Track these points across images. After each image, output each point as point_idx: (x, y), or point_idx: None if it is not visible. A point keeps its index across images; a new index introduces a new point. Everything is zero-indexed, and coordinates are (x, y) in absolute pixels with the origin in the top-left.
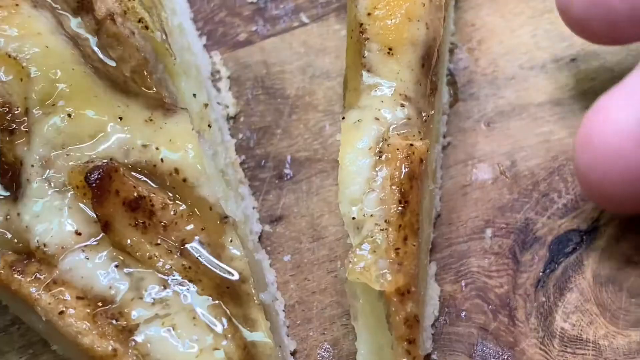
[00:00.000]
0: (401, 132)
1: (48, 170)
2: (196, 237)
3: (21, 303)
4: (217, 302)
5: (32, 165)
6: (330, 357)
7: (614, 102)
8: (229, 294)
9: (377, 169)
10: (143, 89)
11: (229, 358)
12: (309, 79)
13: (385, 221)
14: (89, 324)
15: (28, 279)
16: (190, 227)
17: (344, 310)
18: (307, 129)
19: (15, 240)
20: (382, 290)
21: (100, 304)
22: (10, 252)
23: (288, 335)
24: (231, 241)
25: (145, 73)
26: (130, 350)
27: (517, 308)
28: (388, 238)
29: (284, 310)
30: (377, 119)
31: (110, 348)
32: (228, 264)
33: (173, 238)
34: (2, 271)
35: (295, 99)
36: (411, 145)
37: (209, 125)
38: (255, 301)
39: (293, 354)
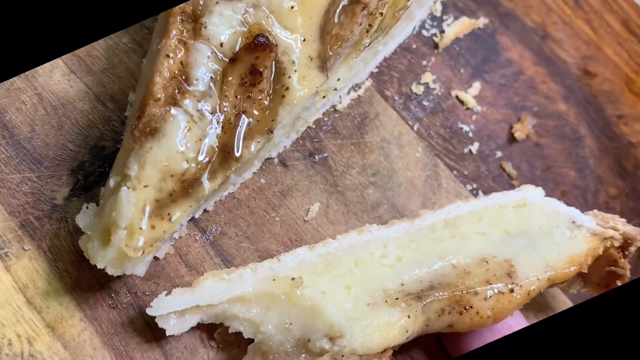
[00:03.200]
0: None
1: (252, 10)
2: (250, 118)
3: (163, 29)
4: (216, 150)
5: (251, 2)
6: (213, 236)
7: None
8: (223, 155)
9: None
10: (334, 45)
11: (190, 165)
12: (380, 146)
13: None
14: (168, 75)
15: (178, 26)
16: (255, 112)
17: (248, 227)
18: (348, 159)
19: (201, 10)
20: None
21: (183, 77)
22: (191, 11)
23: (214, 202)
24: (258, 142)
25: (341, 42)
26: (158, 109)
27: None
28: None
29: (228, 193)
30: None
31: (159, 95)
32: (243, 146)
33: (244, 105)
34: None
35: (363, 143)
36: None
37: (323, 97)
38: (228, 172)
39: (204, 211)
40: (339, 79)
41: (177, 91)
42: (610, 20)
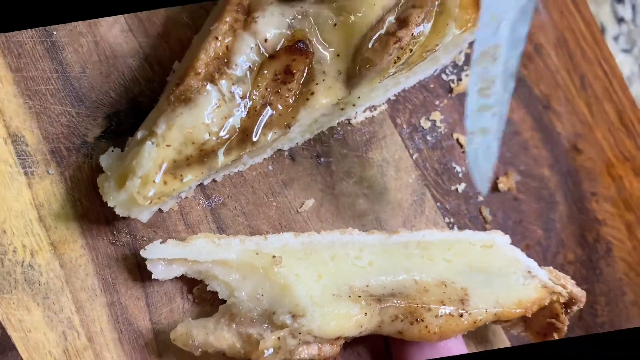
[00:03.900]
0: None
1: (300, 17)
2: (274, 111)
3: (218, 14)
4: (237, 131)
5: (300, 11)
6: (215, 204)
7: None
8: (242, 136)
9: None
10: (363, 67)
11: (211, 138)
12: (379, 165)
13: None
14: (213, 54)
15: (233, 14)
16: (279, 107)
17: (247, 204)
18: (349, 168)
19: (255, 6)
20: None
21: (225, 60)
22: (247, 4)
23: (223, 175)
24: (275, 133)
25: (369, 66)
26: (196, 82)
27: None
28: None
29: (238, 170)
30: None
31: (200, 70)
32: (261, 134)
33: (271, 98)
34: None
35: (366, 158)
36: None
37: (342, 109)
38: (242, 152)
39: (213, 180)
40: (359, 97)
41: (216, 71)
42: (608, 109)
